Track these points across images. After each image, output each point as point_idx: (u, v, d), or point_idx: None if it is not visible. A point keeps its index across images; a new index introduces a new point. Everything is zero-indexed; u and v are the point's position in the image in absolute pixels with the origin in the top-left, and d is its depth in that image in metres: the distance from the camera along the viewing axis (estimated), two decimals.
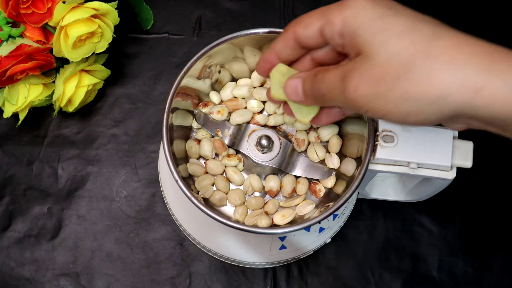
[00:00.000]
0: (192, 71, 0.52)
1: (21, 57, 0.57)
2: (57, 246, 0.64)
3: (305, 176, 0.55)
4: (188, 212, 0.59)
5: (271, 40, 0.53)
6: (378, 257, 0.64)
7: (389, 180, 0.62)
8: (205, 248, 0.61)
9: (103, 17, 0.60)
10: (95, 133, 0.67)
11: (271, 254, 0.58)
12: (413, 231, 0.65)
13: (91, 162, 0.66)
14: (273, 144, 0.53)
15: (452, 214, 0.66)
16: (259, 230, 0.49)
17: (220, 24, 0.72)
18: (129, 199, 0.65)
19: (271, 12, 0.72)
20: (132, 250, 0.64)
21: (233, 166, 0.55)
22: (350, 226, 0.64)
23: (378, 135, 0.49)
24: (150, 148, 0.67)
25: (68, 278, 0.63)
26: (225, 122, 0.55)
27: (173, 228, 0.64)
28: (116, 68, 0.69)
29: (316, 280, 0.63)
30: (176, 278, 0.63)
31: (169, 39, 0.71)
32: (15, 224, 0.64)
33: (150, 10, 0.70)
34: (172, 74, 0.69)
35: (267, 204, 0.55)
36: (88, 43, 0.60)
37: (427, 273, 0.64)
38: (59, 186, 0.65)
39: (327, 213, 0.48)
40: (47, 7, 0.57)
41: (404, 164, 0.50)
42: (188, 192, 0.49)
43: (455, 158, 0.49)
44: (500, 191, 0.66)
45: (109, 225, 0.64)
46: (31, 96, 0.61)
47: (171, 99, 0.51)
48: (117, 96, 0.69)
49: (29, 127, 0.67)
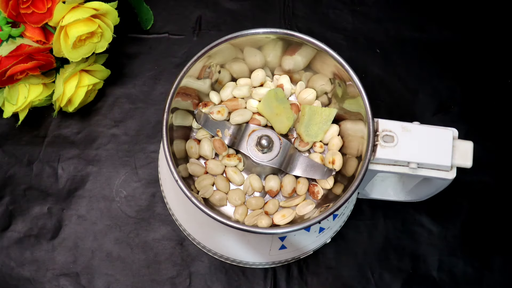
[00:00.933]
0: (192, 71, 0.52)
1: (21, 57, 0.57)
2: (57, 246, 0.64)
3: (305, 176, 0.55)
4: (188, 212, 0.59)
5: (271, 40, 0.53)
6: (378, 257, 0.64)
7: (389, 180, 0.62)
8: (205, 248, 0.61)
9: (103, 17, 0.60)
10: (95, 133, 0.67)
11: (271, 254, 0.58)
12: (413, 231, 0.65)
13: (91, 162, 0.66)
14: (273, 144, 0.53)
15: (452, 214, 0.66)
16: (259, 230, 0.49)
17: (220, 24, 0.72)
18: (129, 199, 0.65)
19: (271, 12, 0.72)
20: (132, 250, 0.64)
21: (233, 166, 0.55)
22: (350, 226, 0.64)
23: (378, 135, 0.49)
24: (150, 148, 0.67)
25: (68, 278, 0.63)
26: (225, 122, 0.55)
27: (173, 228, 0.64)
28: (116, 68, 0.69)
29: (316, 280, 0.63)
30: (176, 278, 0.63)
31: (169, 39, 0.71)
32: (15, 224, 0.64)
33: (150, 10, 0.70)
34: (172, 74, 0.69)
35: (267, 204, 0.55)
36: (88, 43, 0.59)
37: (427, 273, 0.64)
38: (59, 186, 0.65)
39: (327, 213, 0.48)
40: (47, 7, 0.57)
41: (404, 164, 0.50)
42: (188, 192, 0.49)
43: (455, 158, 0.49)
44: (500, 191, 0.66)
45: (109, 225, 0.64)
46: (31, 96, 0.61)
47: (171, 99, 0.51)
48: (117, 96, 0.69)
49: (29, 127, 0.67)
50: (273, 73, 0.58)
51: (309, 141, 0.55)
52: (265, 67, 0.58)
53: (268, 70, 0.58)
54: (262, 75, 0.57)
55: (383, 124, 0.49)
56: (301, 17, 0.72)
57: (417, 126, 0.50)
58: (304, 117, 0.55)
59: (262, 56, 0.56)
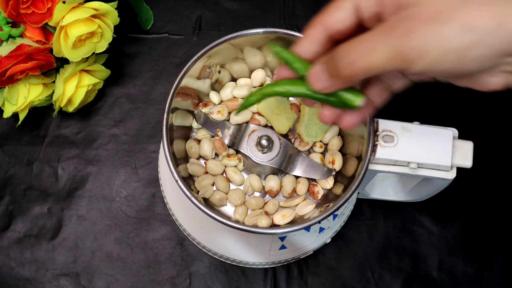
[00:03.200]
0: (192, 71, 0.52)
1: (21, 57, 0.57)
2: (57, 246, 0.64)
3: (305, 176, 0.55)
4: (188, 212, 0.59)
5: (271, 40, 0.53)
6: (378, 257, 0.64)
7: (389, 180, 0.62)
8: (205, 248, 0.61)
9: (103, 17, 0.60)
10: (95, 133, 0.67)
11: (271, 254, 0.58)
12: (413, 231, 0.65)
13: (91, 162, 0.66)
14: (273, 144, 0.53)
15: (452, 214, 0.66)
16: (259, 230, 0.49)
17: (220, 24, 0.72)
18: (129, 199, 0.65)
19: (271, 12, 0.72)
20: (132, 250, 0.64)
21: (233, 166, 0.55)
22: (350, 226, 0.64)
23: (378, 135, 0.49)
24: (150, 148, 0.67)
25: (68, 278, 0.63)
26: (225, 122, 0.55)
27: (173, 228, 0.64)
28: (116, 68, 0.69)
29: (316, 280, 0.63)
30: (176, 278, 0.63)
31: (169, 39, 0.71)
32: (15, 224, 0.64)
33: (150, 10, 0.70)
34: (172, 74, 0.69)
35: (267, 204, 0.55)
36: (88, 43, 0.59)
37: (427, 273, 0.64)
38: (59, 186, 0.65)
39: (327, 213, 0.48)
40: (47, 7, 0.57)
41: (404, 164, 0.50)
42: (188, 192, 0.49)
43: (455, 158, 0.49)
44: (500, 191, 0.66)
45: (109, 225, 0.64)
46: (31, 96, 0.61)
47: (171, 99, 0.51)
48: (117, 96, 0.69)
49: (29, 127, 0.67)
50: (273, 73, 0.58)
51: (309, 141, 0.55)
52: (265, 67, 0.58)
53: (268, 70, 0.58)
54: (262, 75, 0.57)
55: (383, 124, 0.49)
56: (301, 17, 0.72)
57: (417, 126, 0.49)
58: (304, 117, 0.55)
59: (262, 56, 0.56)
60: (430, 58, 0.34)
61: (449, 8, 0.34)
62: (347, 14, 0.39)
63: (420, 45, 0.34)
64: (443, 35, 0.33)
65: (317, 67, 0.39)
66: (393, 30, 0.35)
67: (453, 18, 0.34)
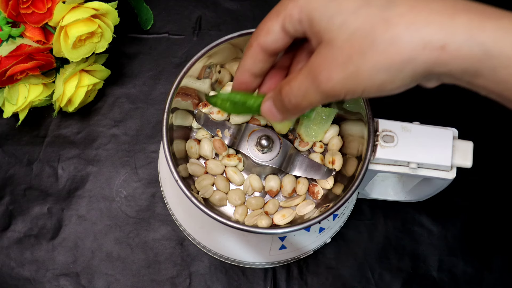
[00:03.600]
0: (192, 71, 0.52)
1: (21, 57, 0.57)
2: (57, 246, 0.64)
3: (305, 176, 0.55)
4: (188, 212, 0.59)
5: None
6: (378, 257, 0.64)
7: (389, 180, 0.62)
8: (205, 248, 0.61)
9: (103, 17, 0.60)
10: (95, 133, 0.67)
11: (271, 254, 0.58)
12: (413, 231, 0.65)
13: (91, 162, 0.66)
14: (273, 144, 0.53)
15: (452, 214, 0.66)
16: (259, 230, 0.49)
17: (220, 24, 0.72)
18: (129, 199, 0.65)
19: None
20: (132, 250, 0.64)
21: (233, 166, 0.55)
22: (350, 226, 0.64)
23: (378, 135, 0.49)
24: (150, 148, 0.67)
25: (68, 278, 0.63)
26: (225, 122, 0.55)
27: (173, 228, 0.64)
28: (116, 68, 0.69)
29: (316, 280, 0.63)
30: (176, 278, 0.63)
31: (169, 39, 0.71)
32: (15, 224, 0.64)
33: (150, 10, 0.70)
34: (172, 74, 0.69)
35: (267, 204, 0.55)
36: (88, 43, 0.59)
37: (427, 273, 0.64)
38: (59, 186, 0.65)
39: (327, 213, 0.48)
40: (47, 7, 0.57)
41: (404, 164, 0.50)
42: (188, 192, 0.49)
43: (455, 158, 0.49)
44: (500, 191, 0.66)
45: (109, 225, 0.64)
46: (31, 96, 0.61)
47: (171, 99, 0.51)
48: (117, 96, 0.69)
49: (29, 127, 0.67)
50: None
51: (309, 141, 0.55)
52: None
53: None
54: None
55: (383, 124, 0.49)
56: None
57: (417, 126, 0.50)
58: None
59: None
60: (355, 94, 0.37)
61: (361, 51, 0.35)
62: (278, 36, 0.40)
63: (342, 87, 0.36)
64: (359, 76, 0.35)
65: (268, 103, 0.42)
66: (316, 77, 0.37)
67: (365, 62, 0.35)
